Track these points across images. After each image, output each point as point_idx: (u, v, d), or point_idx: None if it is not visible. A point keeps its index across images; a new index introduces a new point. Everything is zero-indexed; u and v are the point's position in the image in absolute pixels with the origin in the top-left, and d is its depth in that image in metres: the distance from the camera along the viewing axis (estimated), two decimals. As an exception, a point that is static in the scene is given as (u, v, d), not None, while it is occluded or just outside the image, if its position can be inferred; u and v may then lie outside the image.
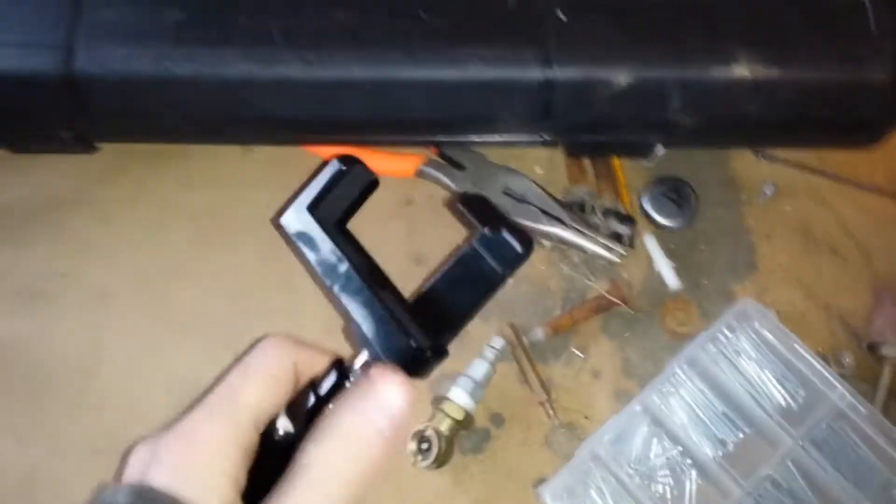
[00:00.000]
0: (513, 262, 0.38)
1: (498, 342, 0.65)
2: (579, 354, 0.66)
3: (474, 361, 0.64)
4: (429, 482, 0.62)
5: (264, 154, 0.72)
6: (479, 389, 0.63)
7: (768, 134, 0.65)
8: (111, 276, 0.68)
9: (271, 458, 0.34)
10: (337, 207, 0.40)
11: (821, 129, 0.65)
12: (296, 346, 0.38)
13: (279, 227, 0.40)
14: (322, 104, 0.61)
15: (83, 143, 0.68)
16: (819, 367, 0.62)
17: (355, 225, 0.68)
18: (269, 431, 0.36)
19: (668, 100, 0.60)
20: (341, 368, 0.38)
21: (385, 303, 0.36)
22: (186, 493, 0.31)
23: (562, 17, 0.61)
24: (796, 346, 0.63)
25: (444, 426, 0.61)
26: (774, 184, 0.71)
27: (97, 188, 0.71)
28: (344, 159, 0.40)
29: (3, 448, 0.63)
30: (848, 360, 0.66)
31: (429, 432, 0.60)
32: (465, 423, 0.61)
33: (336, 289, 0.38)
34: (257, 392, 0.36)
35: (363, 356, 0.37)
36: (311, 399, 0.37)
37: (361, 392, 0.35)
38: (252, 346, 0.38)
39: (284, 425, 0.36)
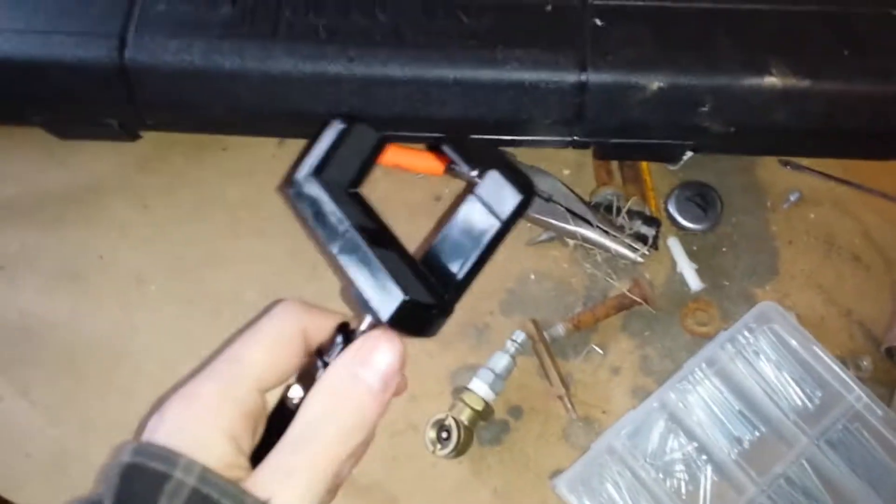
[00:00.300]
0: (513, 210, 0.36)
1: (519, 336, 0.66)
2: (599, 351, 0.68)
3: (495, 354, 0.66)
4: (447, 471, 0.64)
5: (299, 147, 0.74)
6: (500, 382, 0.65)
7: (796, 143, 0.67)
8: (147, 261, 0.71)
9: (283, 422, 0.35)
10: (345, 169, 0.38)
11: (848, 140, 0.66)
12: (306, 310, 0.39)
13: (286, 194, 0.38)
14: (361, 100, 0.63)
15: (128, 130, 0.71)
16: (837, 369, 0.64)
17: (386, 222, 0.70)
18: (283, 401, 0.37)
19: (699, 106, 0.62)
20: (346, 333, 0.37)
21: (386, 262, 0.35)
22: (182, 447, 0.32)
23: (598, 22, 0.63)
24: (815, 348, 0.64)
25: (464, 416, 0.63)
26: (799, 191, 0.73)
27: (137, 175, 0.74)
28: (346, 118, 0.38)
29: (34, 424, 0.66)
30: (866, 363, 0.67)
31: (448, 421, 0.62)
32: (484, 414, 0.63)
33: (335, 250, 0.36)
34: (261, 355, 0.37)
35: (367, 320, 0.36)
36: (319, 366, 0.37)
37: (353, 352, 0.36)
38: (265, 310, 0.39)
39: (297, 394, 0.36)
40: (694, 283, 0.69)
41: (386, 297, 0.34)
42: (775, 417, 0.63)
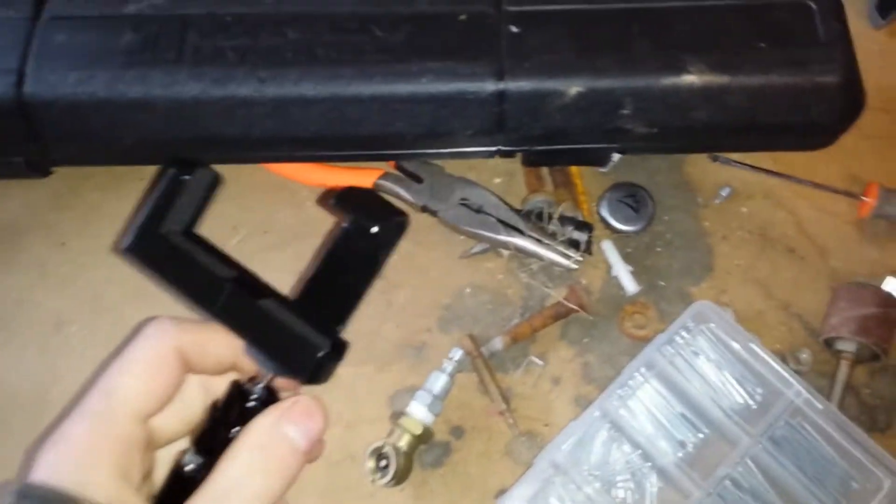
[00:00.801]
0: (387, 243, 0.36)
1: (456, 353, 0.65)
2: (539, 362, 0.67)
3: (432, 374, 0.64)
4: (388, 500, 0.62)
5: (221, 171, 0.72)
6: (438, 402, 0.63)
7: (721, 139, 0.66)
8: (67, 302, 0.68)
9: (181, 492, 0.33)
10: (184, 218, 0.36)
11: (773, 133, 0.66)
12: (178, 326, 0.36)
13: (127, 255, 0.35)
14: (276, 122, 0.61)
15: (36, 168, 0.68)
16: (775, 365, 0.63)
17: (317, 244, 0.68)
18: (177, 468, 0.35)
19: (620, 108, 0.61)
20: (241, 391, 0.36)
21: (271, 313, 0.34)
22: (62, 485, 0.31)
23: (513, 29, 0.62)
24: (752, 345, 0.64)
25: (403, 442, 0.61)
26: (730, 186, 0.72)
27: (51, 213, 0.71)
28: (179, 163, 0.36)
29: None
30: (805, 356, 0.67)
31: (386, 449, 0.60)
32: (423, 438, 0.62)
33: (213, 312, 0.35)
34: (135, 383, 0.34)
35: (264, 377, 0.35)
36: (216, 427, 0.35)
37: (281, 411, 0.34)
38: (132, 333, 0.36)
39: (193, 461, 0.35)
40: (630, 285, 0.68)
41: (298, 355, 0.34)
42: (717, 418, 0.62)
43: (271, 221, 0.71)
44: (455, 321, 0.68)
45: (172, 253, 0.35)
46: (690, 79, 0.60)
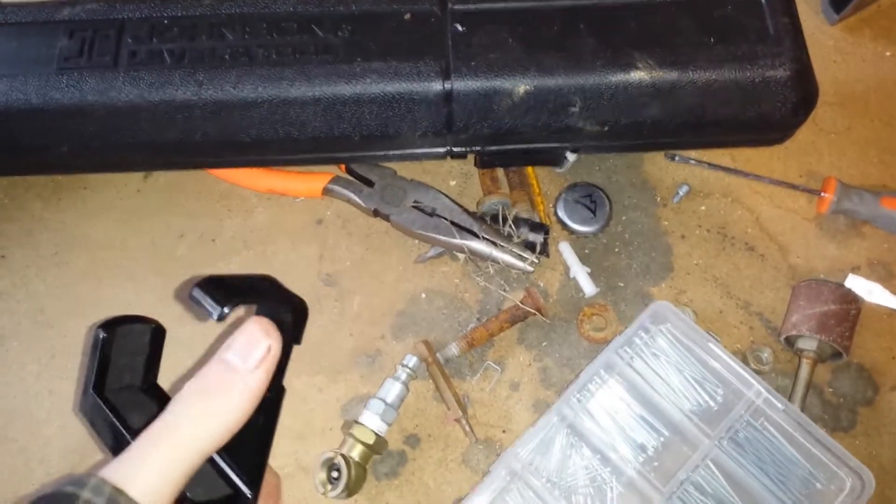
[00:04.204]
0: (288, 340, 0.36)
1: (411, 360, 0.63)
2: (496, 367, 0.65)
3: (386, 382, 0.62)
4: (341, 512, 0.60)
5: (165, 180, 0.70)
6: (391, 411, 0.61)
7: (674, 136, 0.65)
8: (7, 318, 0.66)
9: None
10: (132, 372, 0.37)
11: (726, 129, 0.65)
12: None
13: (81, 418, 0.36)
14: (216, 126, 0.60)
15: (-30, 179, 0.65)
16: (735, 365, 0.62)
17: (266, 251, 0.66)
18: None
19: (569, 107, 0.60)
20: None
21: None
22: None
23: (460, 28, 0.61)
24: (712, 345, 0.62)
25: (355, 452, 0.59)
26: (688, 185, 0.71)
27: (-8, 224, 0.69)
28: (106, 324, 0.36)
29: None
30: (766, 356, 0.66)
31: (338, 460, 0.58)
32: (376, 448, 0.60)
33: None
34: None
35: None
36: None
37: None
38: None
39: None
40: (588, 287, 0.67)
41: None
42: (678, 420, 0.61)
43: (219, 229, 0.69)
44: (410, 327, 0.67)
45: (129, 411, 0.36)
46: (639, 75, 0.59)
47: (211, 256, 0.68)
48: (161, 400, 0.37)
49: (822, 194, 0.70)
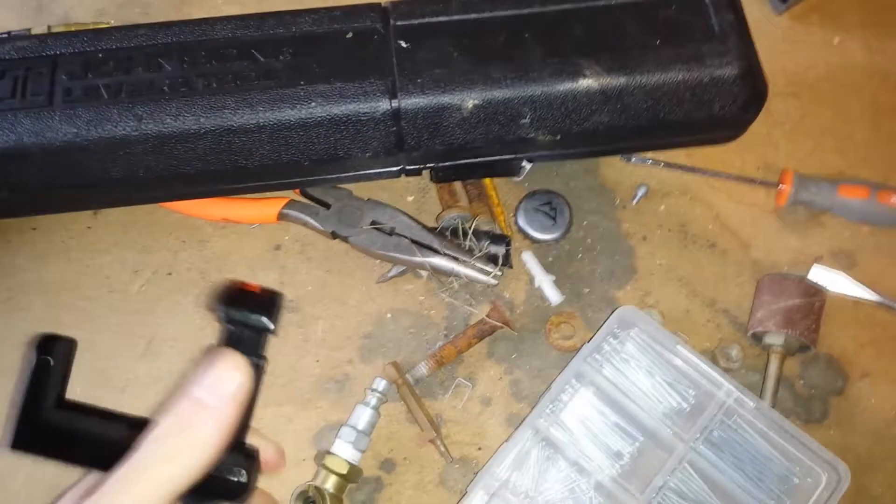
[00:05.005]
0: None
1: (380, 384, 0.62)
2: (467, 383, 0.64)
3: (356, 408, 0.61)
4: (319, 544, 0.59)
5: (115, 215, 0.68)
6: (364, 438, 0.60)
7: (627, 141, 0.65)
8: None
9: None
10: (53, 393, 0.36)
11: (679, 130, 0.64)
12: None
13: (16, 451, 0.34)
14: (159, 160, 0.58)
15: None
16: (704, 365, 0.62)
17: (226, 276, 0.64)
18: None
19: (519, 118, 0.59)
20: None
21: None
22: None
23: (403, 44, 0.60)
24: (679, 347, 0.62)
25: (329, 483, 0.58)
26: (646, 185, 0.71)
27: (-62, 271, 0.66)
28: (40, 345, 0.36)
29: None
30: (735, 353, 0.66)
31: (312, 493, 0.57)
32: (351, 476, 0.59)
33: None
34: None
35: None
36: None
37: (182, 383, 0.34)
38: None
39: None
40: (553, 295, 0.66)
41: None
42: (652, 425, 0.61)
43: (174, 262, 0.67)
44: (378, 349, 0.66)
45: (57, 433, 0.35)
46: (587, 83, 0.58)
47: (169, 290, 0.66)
48: (78, 411, 0.36)
49: (780, 186, 0.70)
